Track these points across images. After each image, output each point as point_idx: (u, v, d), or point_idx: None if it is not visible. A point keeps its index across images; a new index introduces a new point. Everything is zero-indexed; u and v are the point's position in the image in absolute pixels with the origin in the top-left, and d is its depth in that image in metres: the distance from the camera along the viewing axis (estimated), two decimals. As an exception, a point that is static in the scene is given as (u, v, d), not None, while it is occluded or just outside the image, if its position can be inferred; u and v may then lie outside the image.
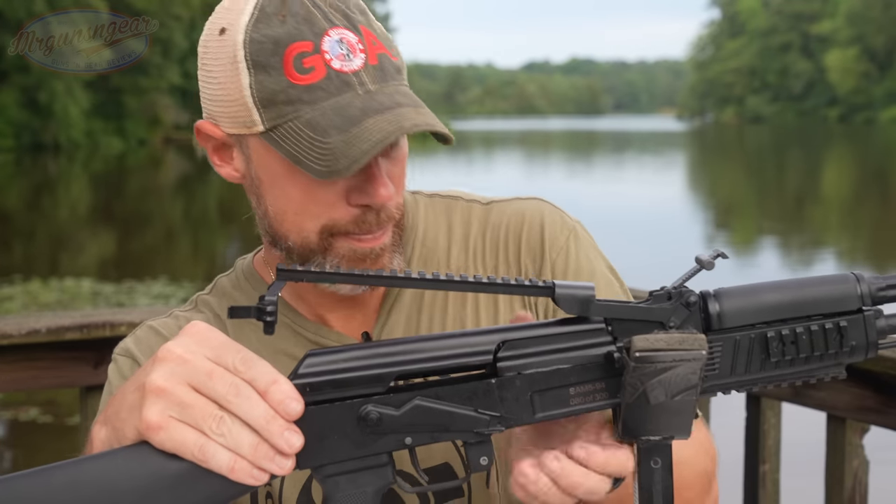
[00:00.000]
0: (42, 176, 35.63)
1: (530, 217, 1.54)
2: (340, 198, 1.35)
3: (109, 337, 2.64)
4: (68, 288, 12.81)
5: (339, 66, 1.31)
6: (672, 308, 1.14)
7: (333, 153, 1.28)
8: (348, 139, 1.28)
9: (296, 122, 1.31)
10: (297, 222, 1.37)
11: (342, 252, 1.37)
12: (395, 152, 1.38)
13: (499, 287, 1.12)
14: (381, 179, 1.34)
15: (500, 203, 1.57)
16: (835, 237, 20.03)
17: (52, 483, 1.07)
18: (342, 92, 1.31)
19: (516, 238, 1.53)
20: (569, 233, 1.53)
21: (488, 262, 1.53)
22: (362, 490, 1.13)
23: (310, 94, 1.30)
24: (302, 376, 1.11)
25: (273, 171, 1.36)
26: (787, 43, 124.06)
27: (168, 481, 1.07)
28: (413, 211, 1.56)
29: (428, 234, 1.55)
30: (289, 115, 1.31)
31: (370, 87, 1.32)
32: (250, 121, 1.34)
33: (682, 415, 1.12)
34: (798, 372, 1.18)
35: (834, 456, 2.59)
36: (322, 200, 1.35)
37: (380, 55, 1.35)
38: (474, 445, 1.14)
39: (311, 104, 1.30)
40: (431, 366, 1.13)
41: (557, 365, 1.14)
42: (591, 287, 1.13)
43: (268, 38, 1.32)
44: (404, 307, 1.50)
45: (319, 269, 1.27)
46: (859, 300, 1.17)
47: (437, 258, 1.53)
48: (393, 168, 1.38)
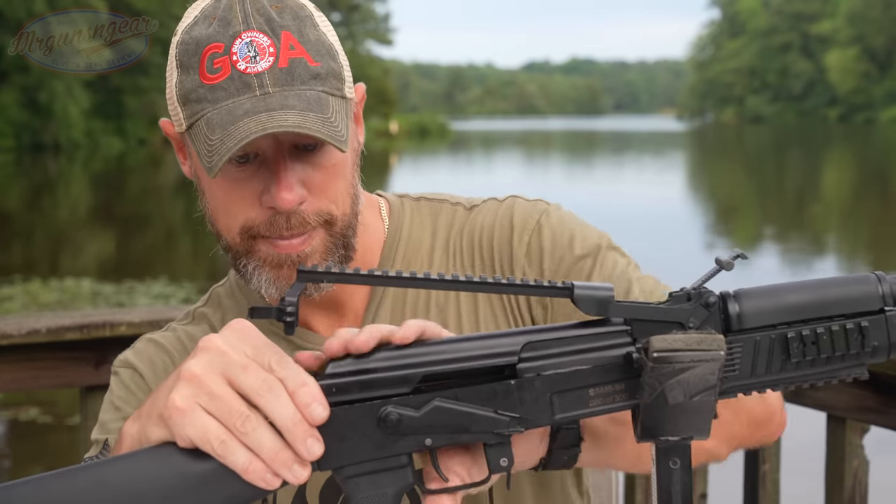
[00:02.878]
0: (42, 176, 35.63)
1: (502, 213, 1.55)
2: (254, 198, 1.37)
3: (109, 337, 2.64)
4: (68, 288, 12.81)
5: (243, 67, 1.33)
6: (691, 309, 1.13)
7: (213, 150, 1.32)
8: (223, 137, 1.31)
9: (201, 121, 1.35)
10: (225, 222, 1.41)
11: (262, 255, 1.39)
12: (317, 158, 1.37)
13: (517, 288, 1.12)
14: (284, 183, 1.34)
15: (480, 205, 1.58)
16: (835, 237, 20.04)
17: (77, 484, 1.08)
18: (242, 93, 1.33)
19: (489, 236, 1.54)
20: (539, 214, 1.54)
21: (465, 262, 1.54)
22: (382, 491, 1.13)
23: (213, 93, 1.34)
24: (329, 376, 1.11)
25: (200, 168, 1.41)
26: (787, 43, 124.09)
27: (190, 483, 1.08)
28: (399, 215, 1.57)
29: (412, 238, 1.56)
30: (198, 113, 1.35)
31: (269, 90, 1.33)
32: (178, 118, 1.40)
33: (700, 415, 1.12)
34: (819, 373, 1.17)
35: (834, 456, 2.59)
36: (239, 200, 1.37)
37: (293, 59, 1.35)
38: (494, 447, 1.14)
39: (213, 103, 1.34)
40: (457, 367, 1.12)
41: (577, 366, 1.13)
42: (610, 288, 1.13)
43: (193, 39, 1.36)
44: (387, 310, 1.51)
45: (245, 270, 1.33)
46: (881, 300, 1.17)
47: (420, 260, 1.54)
48: (314, 174, 1.37)
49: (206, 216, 1.46)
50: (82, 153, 45.31)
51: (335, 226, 1.41)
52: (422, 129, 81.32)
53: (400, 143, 64.13)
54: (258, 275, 1.41)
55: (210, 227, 1.46)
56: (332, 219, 1.40)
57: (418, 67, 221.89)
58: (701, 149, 63.87)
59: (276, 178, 1.35)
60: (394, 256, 1.54)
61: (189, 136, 1.38)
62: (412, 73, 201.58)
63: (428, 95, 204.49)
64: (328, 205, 1.39)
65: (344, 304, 1.51)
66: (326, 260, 1.40)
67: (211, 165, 1.32)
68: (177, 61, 1.38)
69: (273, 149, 1.34)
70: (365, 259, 1.52)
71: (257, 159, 1.36)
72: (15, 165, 39.22)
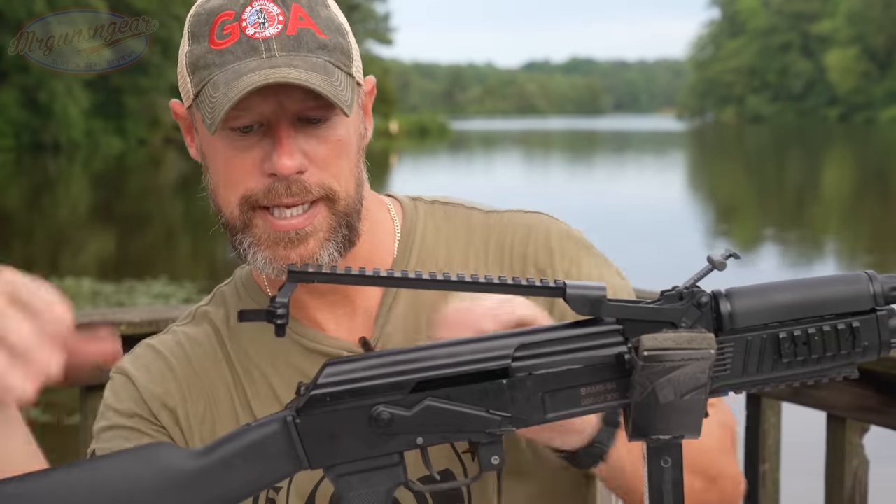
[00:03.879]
0: (42, 176, 35.62)
1: (536, 229, 1.54)
2: (255, 166, 1.37)
3: (109, 337, 2.64)
4: (68, 288, 12.80)
5: (252, 32, 1.35)
6: (683, 308, 1.13)
7: (215, 106, 1.33)
8: (226, 91, 1.32)
9: (207, 86, 1.36)
10: (224, 196, 1.41)
11: (259, 232, 1.38)
12: (322, 132, 1.37)
13: (510, 288, 1.12)
14: (285, 148, 1.35)
15: (501, 213, 1.58)
16: (835, 236, 20.04)
17: (69, 482, 1.08)
18: (248, 56, 1.34)
19: (522, 248, 1.53)
20: (580, 245, 1.54)
21: (492, 270, 1.52)
22: (374, 490, 1.13)
23: (221, 57, 1.35)
24: (322, 386, 1.11)
25: (205, 140, 1.41)
26: (787, 43, 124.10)
27: (177, 482, 1.08)
28: (412, 216, 1.56)
29: (427, 240, 1.54)
30: (205, 79, 1.36)
31: (276, 53, 1.34)
32: (187, 91, 1.40)
33: (691, 414, 1.12)
34: (810, 372, 1.17)
35: (834, 456, 2.59)
36: (240, 168, 1.37)
37: (301, 28, 1.36)
38: (486, 446, 1.14)
39: (220, 66, 1.35)
40: (451, 371, 1.12)
41: (568, 365, 1.14)
42: (602, 287, 1.13)
43: (205, 10, 1.38)
44: (401, 311, 1.50)
45: (241, 247, 1.34)
46: (872, 300, 1.17)
47: (437, 263, 1.53)
48: (318, 146, 1.37)
49: (209, 195, 1.46)
50: (82, 153, 45.31)
51: (337, 203, 1.40)
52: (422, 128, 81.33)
53: (400, 142, 64.13)
54: (254, 252, 1.40)
55: (212, 204, 1.45)
56: (334, 194, 1.39)
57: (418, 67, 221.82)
58: (701, 148, 63.88)
59: (278, 144, 1.35)
60: (408, 257, 1.53)
61: (196, 105, 1.38)
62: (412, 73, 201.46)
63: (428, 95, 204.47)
64: (330, 179, 1.39)
65: (355, 303, 1.49)
66: (330, 240, 1.39)
67: (212, 121, 1.33)
68: (189, 33, 1.40)
69: (277, 116, 1.35)
70: (377, 258, 1.51)
71: (261, 129, 1.36)
72: (15, 165, 39.22)
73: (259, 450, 1.11)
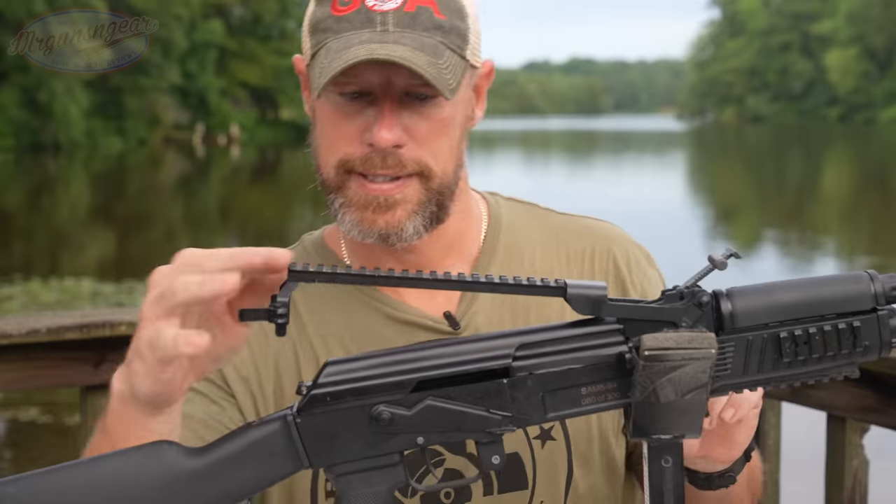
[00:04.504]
0: (42, 176, 35.61)
1: (616, 240, 1.60)
2: (357, 133, 1.40)
3: (109, 337, 2.63)
4: (68, 288, 12.80)
5: (371, 3, 1.37)
6: (684, 308, 1.13)
7: (324, 71, 1.36)
8: (332, 60, 1.35)
9: (322, 49, 1.39)
10: (325, 156, 1.44)
11: (350, 194, 1.41)
12: (426, 109, 1.40)
13: (510, 287, 1.12)
14: (387, 122, 1.37)
15: (577, 217, 1.62)
16: (835, 236, 20.03)
17: (67, 482, 1.08)
18: (364, 27, 1.37)
19: (604, 256, 1.57)
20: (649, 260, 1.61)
21: (573, 271, 1.56)
22: (375, 489, 1.13)
23: (338, 24, 1.38)
24: (322, 385, 1.11)
25: (314, 101, 1.44)
26: (787, 43, 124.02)
27: (183, 479, 1.08)
28: (496, 207, 1.60)
29: (512, 229, 1.58)
30: (321, 42, 1.39)
31: (389, 28, 1.36)
32: (306, 49, 1.44)
33: (692, 413, 1.12)
34: (811, 371, 1.17)
35: (834, 456, 2.59)
36: (342, 133, 1.40)
37: (420, 6, 1.38)
38: (486, 445, 1.14)
39: (336, 33, 1.38)
40: (452, 371, 1.12)
41: (569, 365, 1.14)
42: (603, 287, 1.13)
43: None
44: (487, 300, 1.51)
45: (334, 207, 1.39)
46: (873, 299, 1.17)
47: (522, 252, 1.56)
48: (420, 123, 1.40)
49: (311, 151, 1.49)
50: (82, 153, 45.29)
51: (432, 180, 1.42)
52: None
53: (400, 142, 63.93)
54: (343, 213, 1.43)
55: (313, 162, 1.48)
56: (429, 172, 1.42)
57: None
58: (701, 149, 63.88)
59: (380, 116, 1.38)
60: (496, 243, 1.55)
61: (310, 66, 1.42)
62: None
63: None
64: (427, 156, 1.41)
65: None
66: (418, 213, 1.42)
67: (316, 85, 1.36)
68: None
69: (384, 89, 1.37)
70: (466, 241, 1.54)
71: (368, 97, 1.39)
72: (15, 165, 39.21)
73: (259, 449, 1.11)
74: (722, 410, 1.27)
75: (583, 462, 1.49)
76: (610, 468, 1.53)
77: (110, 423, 1.18)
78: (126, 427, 1.15)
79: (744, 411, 1.28)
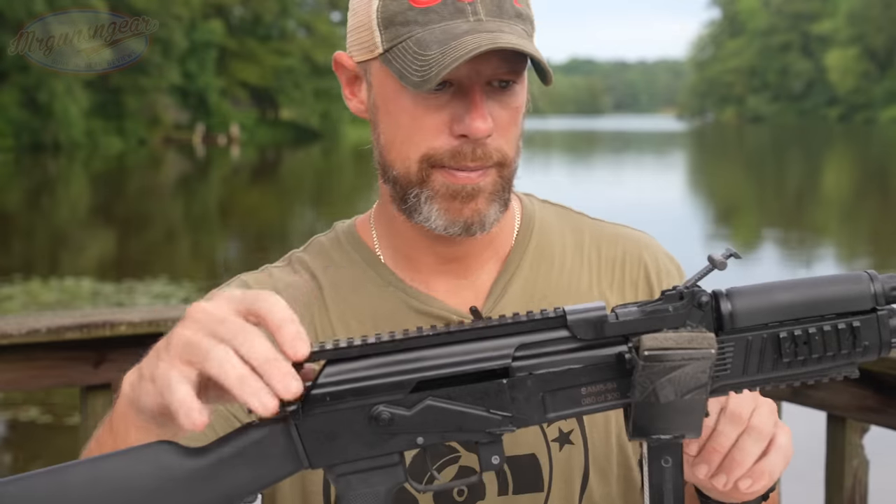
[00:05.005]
0: (42, 176, 35.61)
1: (649, 248, 1.61)
2: (443, 126, 1.38)
3: (109, 337, 2.63)
4: (68, 288, 12.80)
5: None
6: (685, 313, 1.13)
7: (429, 63, 1.33)
8: (444, 50, 1.32)
9: (407, 42, 1.36)
10: (402, 151, 1.41)
11: (437, 186, 1.40)
12: (506, 97, 1.40)
13: (510, 327, 1.13)
14: (480, 111, 1.36)
15: (611, 224, 1.63)
16: (835, 236, 20.03)
17: (66, 482, 1.08)
18: (454, 18, 1.35)
19: (635, 264, 1.58)
20: (679, 271, 1.62)
21: (603, 277, 1.56)
22: (374, 489, 1.13)
23: (424, 15, 1.36)
24: (321, 385, 1.11)
25: (387, 95, 1.41)
26: (787, 43, 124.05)
27: (182, 480, 1.08)
28: (530, 207, 1.60)
29: (544, 229, 1.58)
30: (403, 35, 1.37)
31: (482, 17, 1.36)
32: (373, 44, 1.40)
33: (692, 413, 1.12)
34: (810, 371, 1.17)
35: (834, 456, 2.59)
36: (426, 127, 1.39)
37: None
38: (486, 445, 1.14)
39: (423, 25, 1.36)
40: (451, 371, 1.12)
41: (568, 365, 1.13)
42: (601, 307, 1.14)
43: None
44: (516, 291, 1.52)
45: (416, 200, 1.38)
46: (873, 299, 1.17)
47: (552, 253, 1.56)
48: (501, 112, 1.40)
49: (375, 148, 1.47)
50: (82, 153, 45.28)
51: (505, 169, 1.43)
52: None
53: (400, 142, 63.92)
54: (429, 205, 1.41)
55: (377, 159, 1.46)
56: (505, 161, 1.42)
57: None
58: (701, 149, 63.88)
59: (473, 106, 1.36)
60: (527, 245, 1.56)
61: (385, 60, 1.39)
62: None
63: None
64: (506, 145, 1.42)
65: (472, 275, 1.52)
66: (495, 201, 1.42)
67: (426, 78, 1.32)
68: None
69: (471, 79, 1.37)
70: (502, 237, 1.54)
71: (451, 89, 1.38)
72: (15, 165, 39.21)
73: (259, 449, 1.10)
74: (740, 479, 1.26)
75: (599, 470, 1.49)
76: (626, 480, 1.52)
77: (116, 421, 1.18)
78: (128, 429, 1.15)
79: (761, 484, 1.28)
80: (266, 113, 67.55)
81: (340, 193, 28.31)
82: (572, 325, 1.13)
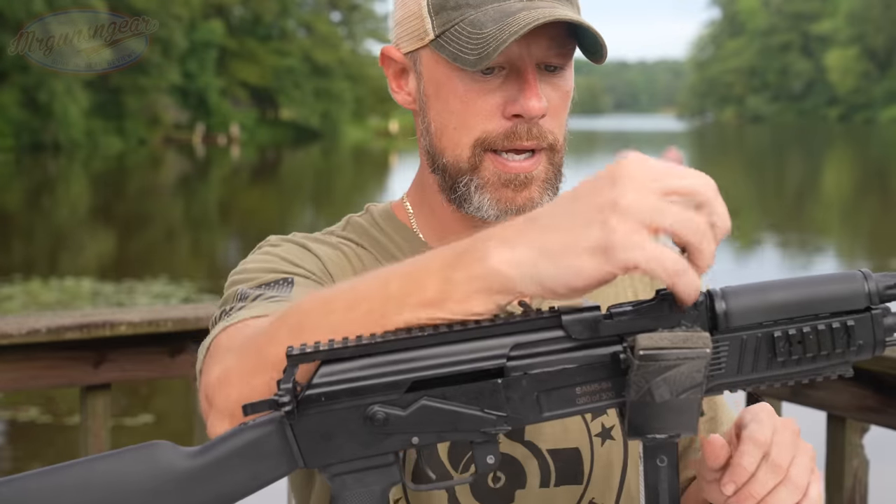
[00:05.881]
0: (42, 176, 35.63)
1: None
2: (496, 108, 1.39)
3: (109, 337, 2.63)
4: (68, 288, 12.81)
5: None
6: (680, 314, 1.13)
7: (486, 40, 1.34)
8: (500, 27, 1.33)
9: (461, 24, 1.37)
10: (454, 137, 1.41)
11: (487, 174, 1.40)
12: (556, 79, 1.41)
13: (508, 326, 1.12)
14: (534, 90, 1.37)
15: None
16: (835, 236, 20.04)
17: (60, 483, 1.07)
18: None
19: None
20: None
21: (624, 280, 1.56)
22: (369, 489, 1.13)
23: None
24: (316, 385, 1.11)
25: (438, 81, 1.41)
26: (787, 43, 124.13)
27: (176, 481, 1.08)
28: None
29: None
30: (455, 19, 1.38)
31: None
32: (423, 31, 1.41)
33: (687, 413, 1.12)
34: (805, 371, 1.17)
35: (834, 456, 2.59)
36: (479, 111, 1.39)
37: None
38: (481, 445, 1.14)
39: (475, 7, 1.37)
40: (446, 371, 1.12)
41: (564, 365, 1.13)
42: (596, 307, 1.13)
43: None
44: None
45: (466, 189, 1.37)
46: (867, 298, 1.16)
47: None
48: (553, 93, 1.41)
49: (423, 137, 1.47)
50: (82, 153, 45.31)
51: (556, 154, 1.43)
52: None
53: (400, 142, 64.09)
54: (480, 194, 1.41)
55: (426, 148, 1.46)
56: (556, 145, 1.43)
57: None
58: (701, 148, 63.88)
59: (527, 86, 1.37)
60: None
61: (437, 45, 1.39)
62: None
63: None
64: (557, 128, 1.42)
65: None
66: (547, 188, 1.42)
67: (484, 54, 1.33)
68: None
69: (523, 60, 1.37)
70: None
71: (503, 72, 1.38)
72: (15, 165, 39.23)
73: (254, 449, 1.10)
74: None
75: (637, 464, 1.49)
76: None
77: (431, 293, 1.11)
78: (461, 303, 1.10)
79: None
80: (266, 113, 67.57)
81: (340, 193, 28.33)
82: (567, 324, 1.12)
